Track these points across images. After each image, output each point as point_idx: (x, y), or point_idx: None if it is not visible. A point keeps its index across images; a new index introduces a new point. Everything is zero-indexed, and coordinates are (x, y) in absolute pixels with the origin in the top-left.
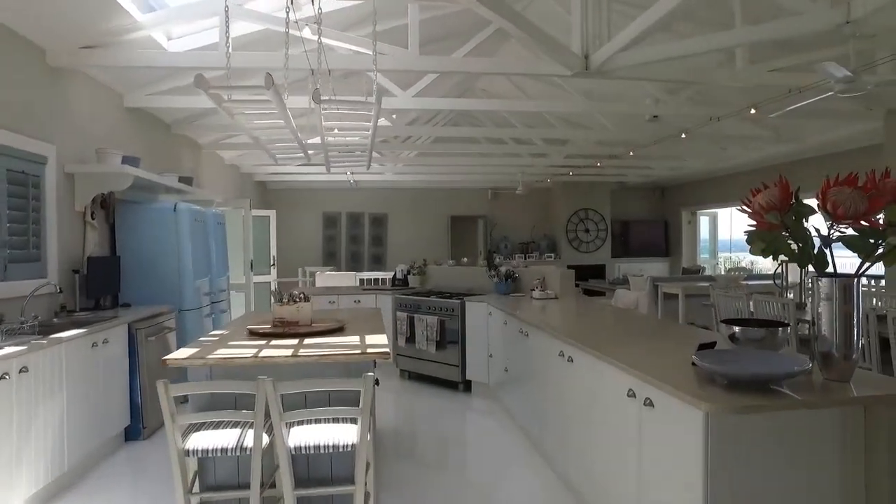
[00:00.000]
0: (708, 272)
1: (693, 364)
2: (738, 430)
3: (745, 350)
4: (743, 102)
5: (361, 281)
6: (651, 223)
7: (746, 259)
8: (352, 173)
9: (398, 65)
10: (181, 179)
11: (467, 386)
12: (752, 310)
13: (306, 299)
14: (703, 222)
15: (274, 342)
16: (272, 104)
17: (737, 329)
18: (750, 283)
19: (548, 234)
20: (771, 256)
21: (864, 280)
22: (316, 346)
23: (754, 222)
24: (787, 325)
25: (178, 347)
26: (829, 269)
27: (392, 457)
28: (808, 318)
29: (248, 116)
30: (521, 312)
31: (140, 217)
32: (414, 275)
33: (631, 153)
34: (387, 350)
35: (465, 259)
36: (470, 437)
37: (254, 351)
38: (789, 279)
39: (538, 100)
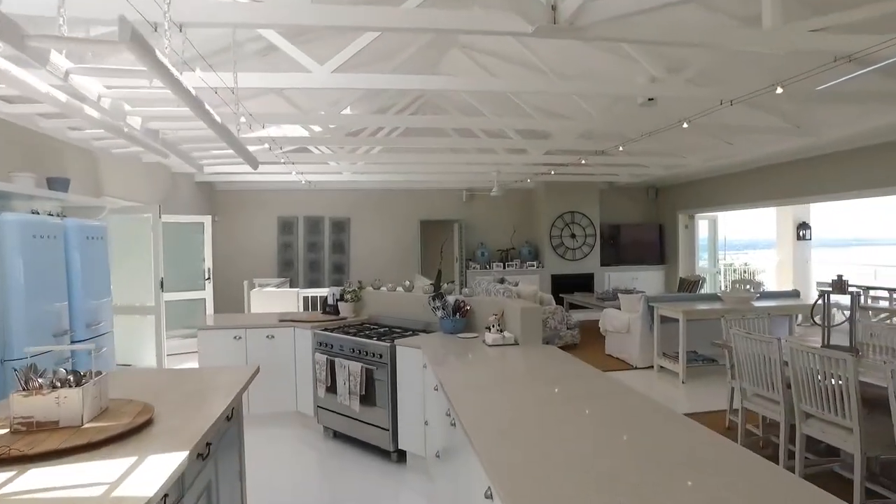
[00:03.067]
0: (708, 283)
1: None
2: None
3: None
4: (764, 80)
5: (306, 301)
6: (644, 228)
7: (729, 258)
8: (298, 173)
9: (278, 17)
10: (52, 182)
11: (402, 455)
12: (785, 359)
13: (77, 383)
14: (702, 226)
15: None
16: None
17: None
18: (763, 303)
19: (530, 240)
20: None
21: None
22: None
23: None
24: None
25: None
26: None
27: None
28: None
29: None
30: (453, 374)
31: None
32: (347, 300)
33: (621, 148)
34: None
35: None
36: None
37: None
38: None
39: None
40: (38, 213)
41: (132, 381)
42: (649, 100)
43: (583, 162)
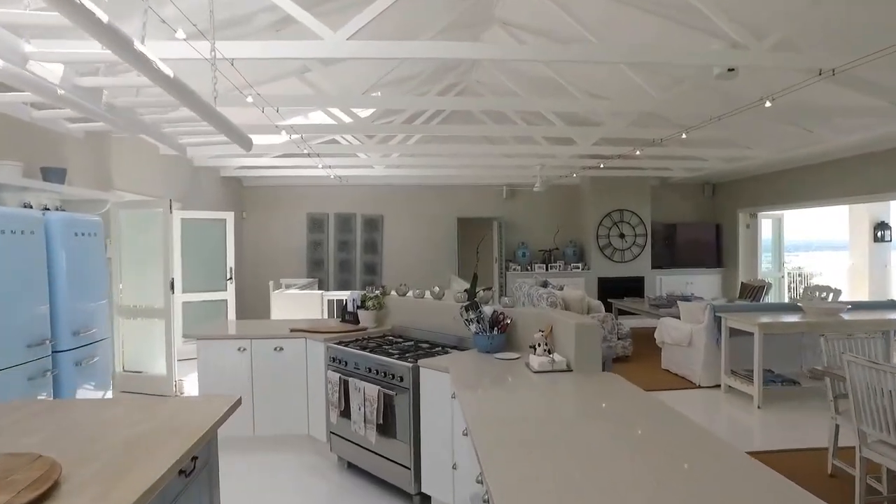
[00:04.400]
0: (773, 289)
1: None
2: None
3: None
4: (881, 41)
5: (331, 305)
6: (700, 227)
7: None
8: (326, 167)
9: None
10: (47, 172)
11: (425, 500)
12: None
13: None
14: (766, 226)
15: None
16: None
17: None
18: (855, 316)
19: (574, 240)
20: None
21: None
22: None
23: None
24: None
25: None
26: None
27: None
28: None
29: None
30: (487, 415)
31: None
32: (368, 308)
33: (684, 135)
34: None
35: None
36: None
37: None
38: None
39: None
40: (29, 207)
41: (65, 418)
42: (729, 70)
43: (637, 153)
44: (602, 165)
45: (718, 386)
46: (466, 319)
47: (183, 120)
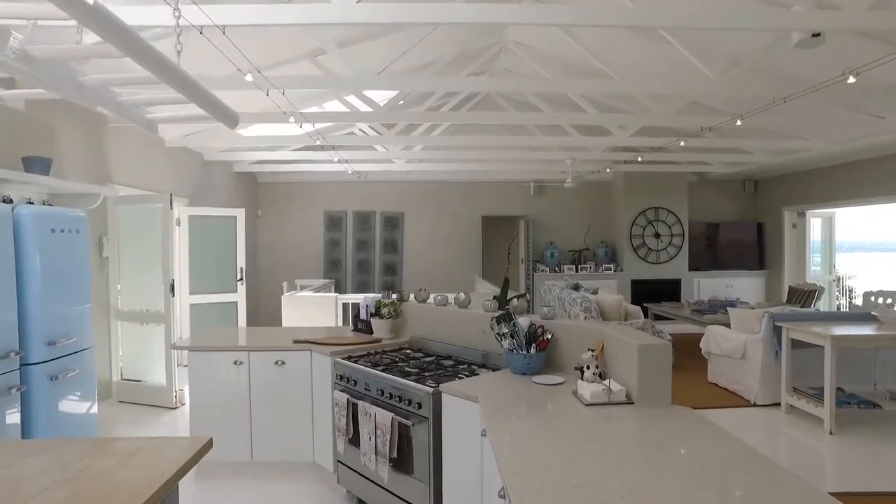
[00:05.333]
0: (823, 294)
1: None
2: None
3: None
4: None
5: (346, 309)
6: (740, 227)
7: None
8: (342, 161)
9: None
10: (28, 163)
11: None
12: None
13: None
14: (814, 225)
15: None
16: None
17: None
18: None
19: (606, 240)
20: None
21: None
22: None
23: None
24: None
25: None
26: None
27: None
28: None
29: None
30: (529, 468)
31: None
32: (383, 317)
33: (738, 122)
34: None
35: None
36: None
37: None
38: None
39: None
40: (9, 201)
41: None
42: (814, 35)
43: (682, 143)
44: (640, 159)
45: (777, 405)
46: (498, 334)
47: (139, 82)
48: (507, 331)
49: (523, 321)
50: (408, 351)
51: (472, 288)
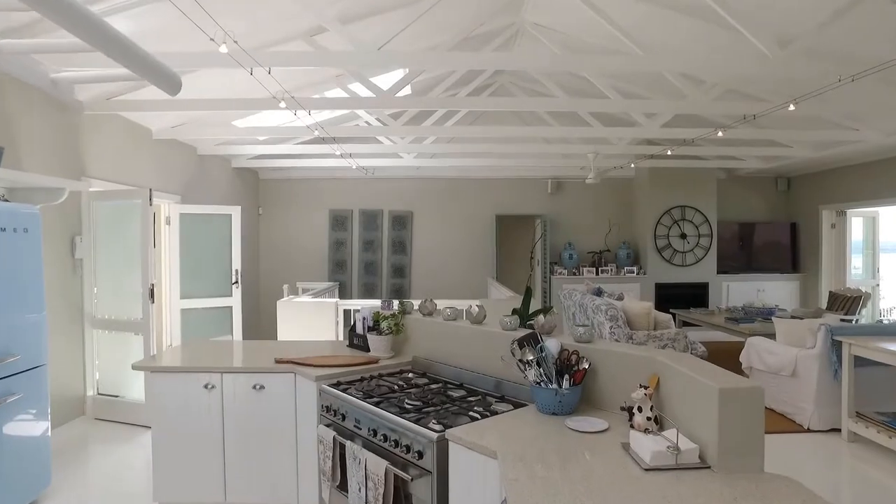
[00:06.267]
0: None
1: None
2: None
3: None
4: None
5: (347, 317)
6: (772, 227)
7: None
8: (346, 155)
9: None
10: None
11: None
12: None
13: None
14: (855, 225)
15: None
16: None
17: None
18: None
19: (628, 241)
20: None
21: None
22: None
23: None
24: None
25: None
26: None
27: None
28: None
29: None
30: None
31: None
32: (382, 332)
33: (791, 107)
34: None
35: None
36: None
37: None
38: None
39: None
40: None
41: None
42: None
43: (719, 134)
44: (670, 152)
45: (837, 431)
46: (521, 361)
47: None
48: (532, 357)
49: (552, 344)
50: (409, 375)
51: (486, 292)
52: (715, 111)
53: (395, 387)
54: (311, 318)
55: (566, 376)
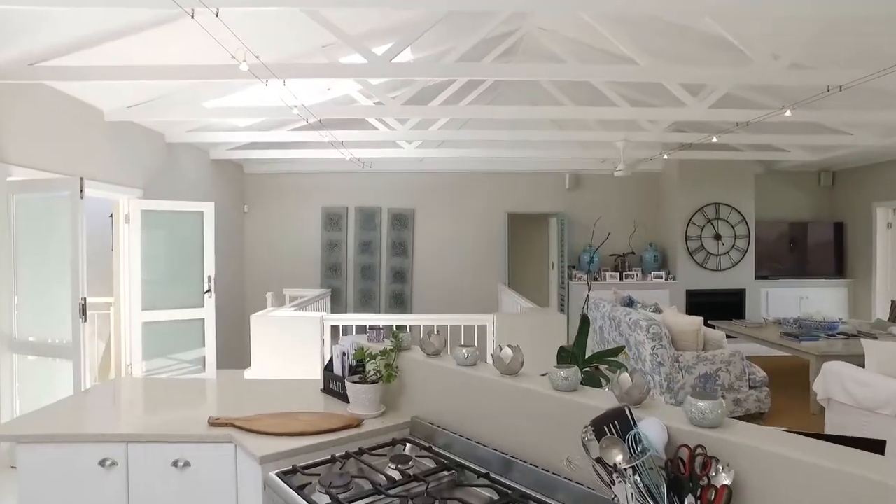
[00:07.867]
0: None
1: None
2: None
3: None
4: None
5: (335, 334)
6: (816, 227)
7: None
8: (333, 142)
9: None
10: None
11: None
12: None
13: None
14: None
15: None
16: None
17: None
18: None
19: (655, 242)
20: None
21: None
22: None
23: None
24: None
25: None
26: None
27: None
28: None
29: None
30: None
31: None
32: (367, 378)
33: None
34: None
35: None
36: None
37: None
38: None
39: None
40: None
41: None
42: None
43: (787, 113)
44: (715, 139)
45: None
46: (605, 465)
47: None
48: (621, 459)
49: (654, 432)
50: (406, 447)
51: (497, 299)
52: (790, 81)
53: (384, 476)
54: (292, 337)
55: (690, 497)
